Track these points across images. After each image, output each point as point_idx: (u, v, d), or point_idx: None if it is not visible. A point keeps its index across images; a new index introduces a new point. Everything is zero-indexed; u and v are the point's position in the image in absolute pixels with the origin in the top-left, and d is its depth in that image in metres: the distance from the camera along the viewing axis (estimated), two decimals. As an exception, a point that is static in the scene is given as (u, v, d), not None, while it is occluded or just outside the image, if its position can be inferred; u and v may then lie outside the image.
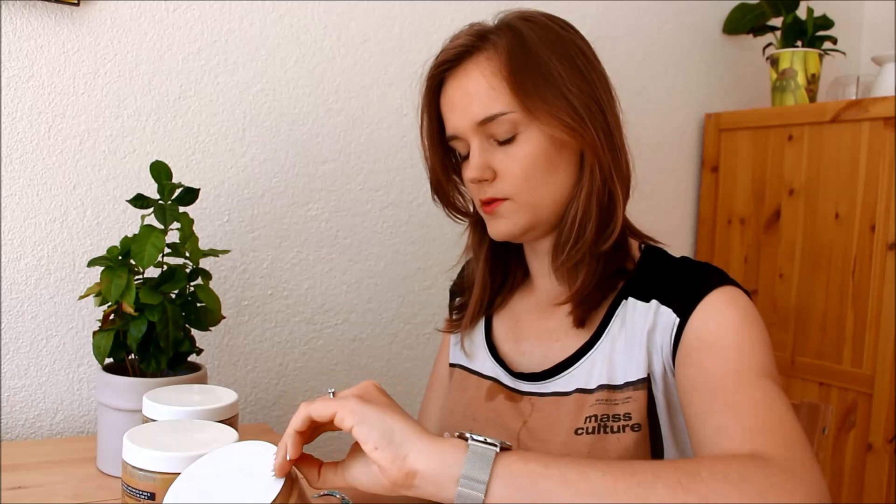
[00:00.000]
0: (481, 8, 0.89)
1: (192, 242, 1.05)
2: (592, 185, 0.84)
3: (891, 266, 1.47)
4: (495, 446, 0.59)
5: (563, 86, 0.82)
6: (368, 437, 0.60)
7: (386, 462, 0.59)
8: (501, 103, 0.81)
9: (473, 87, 0.83)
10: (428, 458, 0.59)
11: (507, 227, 0.86)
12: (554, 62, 0.82)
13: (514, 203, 0.84)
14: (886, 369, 1.47)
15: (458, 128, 0.85)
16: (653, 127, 1.77)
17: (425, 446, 0.60)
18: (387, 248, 1.46)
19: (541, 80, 0.81)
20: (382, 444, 0.59)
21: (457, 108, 0.84)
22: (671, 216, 1.84)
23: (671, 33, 1.78)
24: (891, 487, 1.47)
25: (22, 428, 1.18)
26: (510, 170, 0.83)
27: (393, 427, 0.61)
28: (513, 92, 0.81)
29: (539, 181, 0.83)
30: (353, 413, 0.61)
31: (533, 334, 0.92)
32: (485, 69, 0.82)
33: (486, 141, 0.84)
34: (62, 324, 1.20)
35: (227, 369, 1.34)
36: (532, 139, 0.82)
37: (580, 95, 0.82)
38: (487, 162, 0.84)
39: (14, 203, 1.16)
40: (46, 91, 1.16)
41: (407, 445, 0.60)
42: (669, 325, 0.79)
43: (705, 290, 0.78)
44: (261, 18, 1.31)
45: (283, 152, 1.35)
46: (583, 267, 0.84)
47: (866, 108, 1.51)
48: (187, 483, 0.64)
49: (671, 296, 0.81)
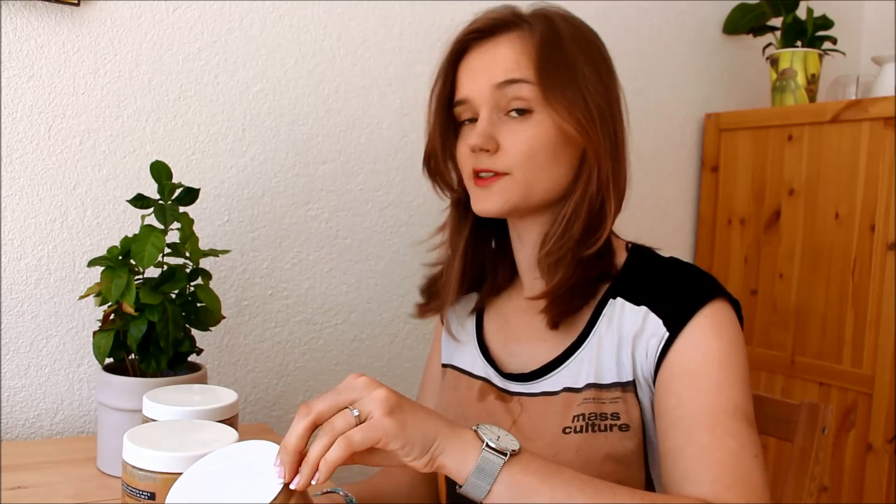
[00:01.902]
0: (481, 8, 0.89)
1: (192, 242, 1.05)
2: (587, 189, 0.84)
3: (891, 266, 1.47)
4: (504, 456, 0.65)
5: (584, 85, 0.83)
6: (406, 450, 0.64)
7: (417, 463, 0.65)
8: (527, 72, 0.82)
9: (501, 57, 0.84)
10: (451, 457, 0.65)
11: (497, 204, 0.85)
12: (580, 61, 0.84)
13: (511, 179, 0.84)
14: (886, 369, 1.47)
15: (473, 92, 0.85)
16: (653, 127, 1.77)
17: (449, 445, 0.65)
18: (387, 248, 1.46)
19: (564, 74, 0.83)
20: (416, 451, 0.64)
21: (476, 72, 0.85)
22: (671, 216, 1.84)
23: (671, 33, 1.78)
24: (891, 487, 1.47)
25: (22, 428, 1.18)
26: (515, 145, 0.83)
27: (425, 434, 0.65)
28: (537, 74, 0.82)
29: (540, 165, 0.83)
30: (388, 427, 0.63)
31: (522, 335, 0.92)
32: (516, 45, 0.84)
33: (495, 112, 0.84)
34: (62, 324, 1.20)
35: (227, 369, 1.34)
36: (543, 123, 0.83)
37: (596, 99, 0.84)
38: (493, 133, 0.83)
39: (14, 203, 1.16)
40: (46, 91, 1.16)
41: (434, 449, 0.65)
42: (658, 337, 0.80)
43: (697, 305, 0.79)
44: (261, 18, 1.31)
45: (283, 152, 1.35)
46: (562, 266, 0.84)
47: (866, 108, 1.51)
48: (191, 481, 0.64)
49: (662, 305, 0.81)
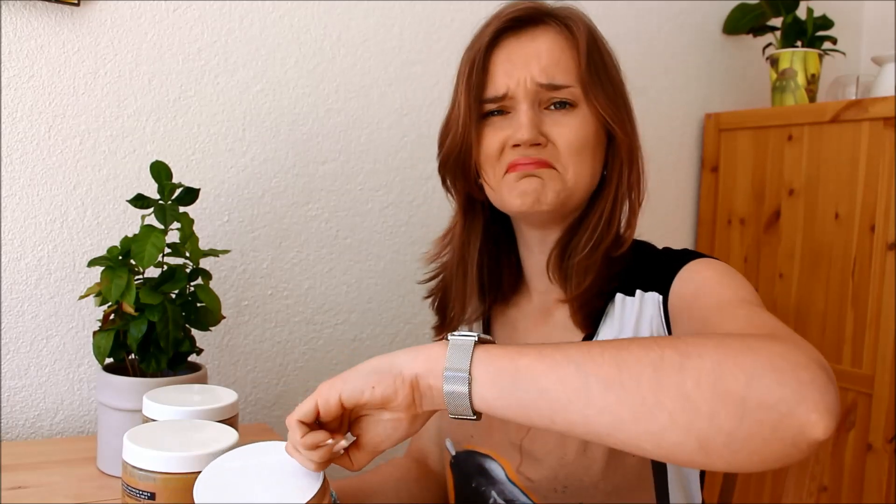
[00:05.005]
0: (481, 8, 0.89)
1: (192, 242, 1.05)
2: (620, 188, 0.85)
3: (891, 266, 1.47)
4: (473, 337, 0.61)
5: (619, 86, 0.86)
6: (362, 387, 0.61)
7: (390, 390, 0.61)
8: (568, 76, 0.82)
9: (546, 50, 0.82)
10: (417, 361, 0.61)
11: (542, 192, 0.81)
12: (612, 68, 0.86)
13: (557, 173, 0.82)
14: (886, 369, 1.47)
15: (512, 85, 0.82)
16: (653, 127, 1.77)
17: (410, 354, 0.62)
18: (387, 248, 1.46)
19: (603, 73, 0.84)
20: (375, 378, 0.61)
21: (518, 66, 0.82)
22: (671, 216, 1.84)
23: (671, 33, 1.78)
24: (891, 487, 1.47)
25: (22, 428, 1.18)
26: (565, 136, 0.82)
27: (372, 364, 0.63)
28: (582, 70, 0.82)
29: (585, 160, 0.83)
30: (332, 384, 0.63)
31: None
32: (559, 39, 0.83)
33: (536, 105, 0.82)
34: (62, 324, 1.20)
35: (227, 369, 1.34)
36: (586, 116, 0.83)
37: (624, 104, 0.87)
38: (539, 125, 0.82)
39: (14, 203, 1.16)
40: (46, 91, 1.16)
41: (396, 364, 0.62)
42: (655, 305, 0.81)
43: (682, 264, 0.80)
44: (261, 18, 1.31)
45: (283, 152, 1.35)
46: (593, 271, 0.84)
47: (866, 108, 1.51)
48: (216, 477, 0.64)
49: (651, 280, 0.82)
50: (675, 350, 0.54)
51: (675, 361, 0.53)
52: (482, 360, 0.59)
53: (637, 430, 0.54)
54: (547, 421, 0.57)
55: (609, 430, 0.55)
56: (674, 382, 0.53)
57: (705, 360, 0.53)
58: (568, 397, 0.56)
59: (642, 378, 0.54)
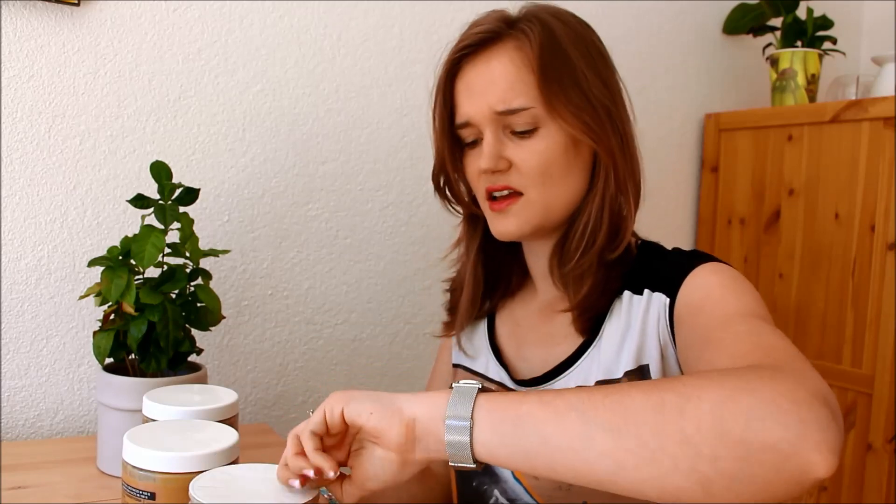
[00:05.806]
0: (481, 8, 0.89)
1: (192, 242, 1.05)
2: (606, 192, 0.83)
3: (891, 266, 1.47)
4: (477, 384, 0.62)
5: (587, 88, 0.81)
6: (361, 410, 0.63)
7: (385, 423, 0.62)
8: (526, 97, 0.80)
9: (500, 75, 0.80)
10: (419, 404, 0.62)
11: (516, 226, 0.83)
12: (580, 63, 0.82)
13: (526, 200, 0.82)
14: (886, 369, 1.47)
15: (473, 115, 0.82)
16: (653, 127, 1.77)
17: (413, 396, 0.63)
18: (387, 248, 1.46)
19: (567, 79, 0.80)
20: (376, 407, 0.62)
21: (476, 95, 0.82)
22: (671, 216, 1.84)
23: (671, 33, 1.78)
24: (891, 487, 1.47)
25: (22, 428, 1.18)
26: (527, 161, 0.81)
27: (378, 395, 0.64)
28: (540, 87, 0.79)
29: (555, 179, 0.82)
30: (340, 396, 0.64)
31: (534, 339, 0.92)
32: (514, 58, 0.81)
33: (500, 131, 0.82)
34: (62, 324, 1.20)
35: (227, 369, 1.34)
36: (552, 135, 0.81)
37: (599, 97, 0.82)
38: (501, 152, 0.82)
39: (14, 203, 1.16)
40: (46, 91, 1.16)
41: (397, 401, 0.63)
42: (662, 307, 0.80)
43: (692, 268, 0.80)
44: (261, 18, 1.31)
45: (283, 152, 1.35)
46: (589, 276, 0.83)
47: (866, 108, 1.51)
48: (213, 478, 0.65)
49: (660, 281, 0.82)
50: (675, 393, 0.54)
51: (675, 405, 0.53)
52: (483, 406, 0.60)
53: (640, 475, 0.54)
54: (548, 468, 0.57)
55: (612, 477, 0.55)
56: (675, 427, 0.53)
57: (705, 403, 0.53)
58: (570, 444, 0.56)
59: (644, 423, 0.54)
